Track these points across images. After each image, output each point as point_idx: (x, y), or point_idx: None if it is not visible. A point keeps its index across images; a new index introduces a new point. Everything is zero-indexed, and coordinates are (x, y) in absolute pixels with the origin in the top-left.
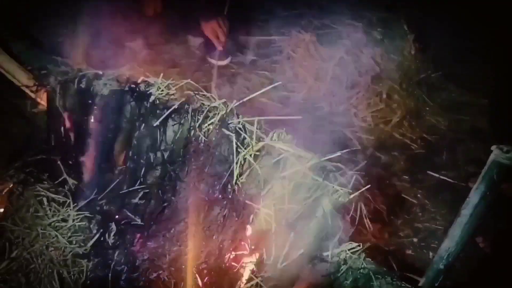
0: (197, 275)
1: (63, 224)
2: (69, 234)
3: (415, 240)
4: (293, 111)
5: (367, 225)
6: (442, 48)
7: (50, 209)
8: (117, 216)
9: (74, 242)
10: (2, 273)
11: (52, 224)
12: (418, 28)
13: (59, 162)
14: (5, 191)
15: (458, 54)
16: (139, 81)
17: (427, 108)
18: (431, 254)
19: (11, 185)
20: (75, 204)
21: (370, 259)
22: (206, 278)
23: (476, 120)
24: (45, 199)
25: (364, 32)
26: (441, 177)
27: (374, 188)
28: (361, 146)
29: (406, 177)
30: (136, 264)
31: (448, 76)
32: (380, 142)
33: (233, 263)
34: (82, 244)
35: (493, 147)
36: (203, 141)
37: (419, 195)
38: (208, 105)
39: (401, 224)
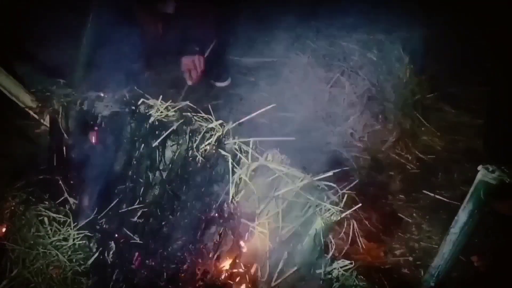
0: None
1: (64, 243)
2: (69, 253)
3: (410, 259)
4: (290, 132)
5: (360, 244)
6: (437, 70)
7: (51, 229)
8: (116, 235)
9: (74, 260)
10: None
11: (53, 243)
12: (414, 50)
13: (60, 182)
14: (7, 210)
15: (453, 75)
16: (139, 103)
17: (423, 129)
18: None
19: (13, 204)
20: (76, 223)
21: (363, 277)
22: None
23: (472, 140)
24: (46, 219)
25: (361, 54)
26: (437, 196)
27: (370, 207)
28: (357, 166)
29: (402, 196)
30: (135, 281)
31: (443, 97)
32: (376, 162)
33: (228, 281)
34: (82, 263)
35: (480, 167)
36: (200, 161)
37: (414, 214)
38: (206, 126)
39: (396, 243)
